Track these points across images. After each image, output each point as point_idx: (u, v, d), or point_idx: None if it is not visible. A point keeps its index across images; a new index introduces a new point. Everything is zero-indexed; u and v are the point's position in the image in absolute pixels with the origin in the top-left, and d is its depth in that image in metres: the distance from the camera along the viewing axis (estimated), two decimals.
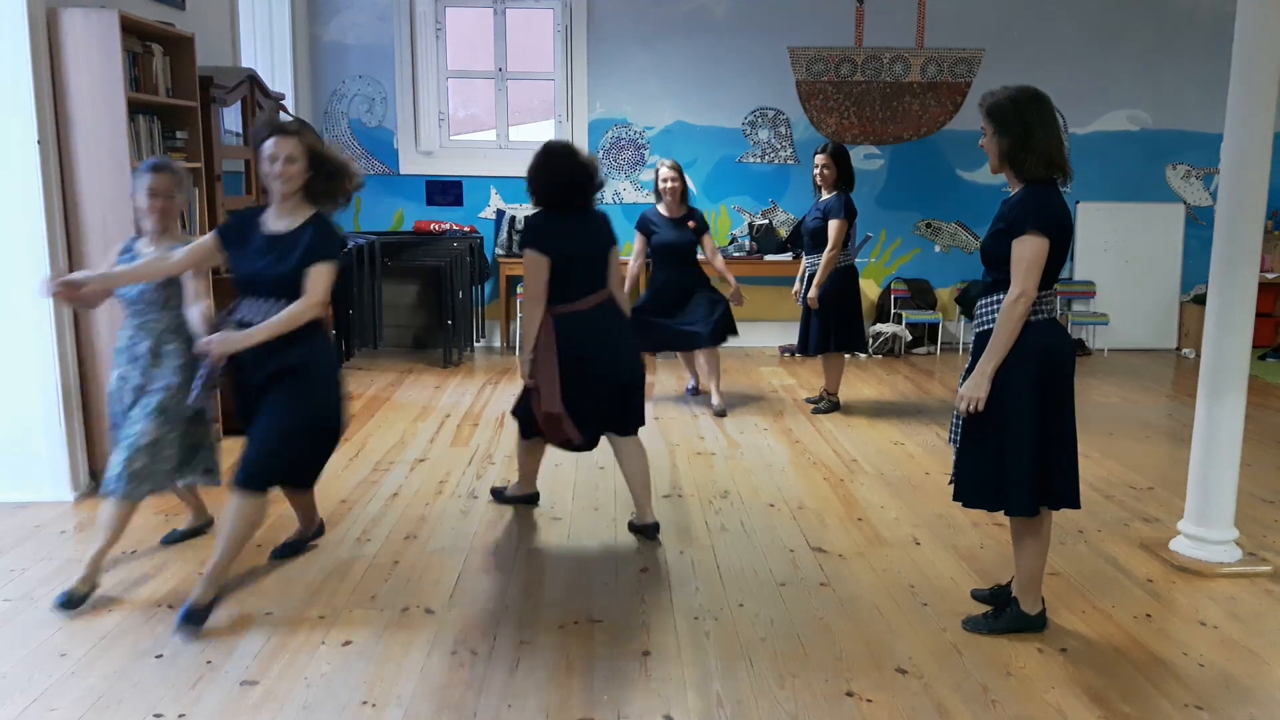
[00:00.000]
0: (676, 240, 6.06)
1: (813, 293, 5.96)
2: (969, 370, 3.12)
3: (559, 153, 3.92)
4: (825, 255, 5.91)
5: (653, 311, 6.03)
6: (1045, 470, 3.07)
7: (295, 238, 3.33)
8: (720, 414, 6.07)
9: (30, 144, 4.19)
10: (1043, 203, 2.98)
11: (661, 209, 6.18)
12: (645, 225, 6.11)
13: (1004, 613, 3.27)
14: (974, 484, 3.15)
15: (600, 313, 3.94)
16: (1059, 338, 3.09)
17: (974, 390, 3.01)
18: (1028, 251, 2.94)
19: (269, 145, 3.29)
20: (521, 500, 4.48)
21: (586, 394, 3.88)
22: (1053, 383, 3.03)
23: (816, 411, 6.16)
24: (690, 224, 6.09)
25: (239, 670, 2.98)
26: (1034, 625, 3.25)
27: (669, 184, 6.02)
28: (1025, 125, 2.95)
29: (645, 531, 4.08)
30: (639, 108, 8.18)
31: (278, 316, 3.27)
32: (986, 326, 3.09)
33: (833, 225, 5.89)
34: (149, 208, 3.57)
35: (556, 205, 3.92)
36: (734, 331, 6.10)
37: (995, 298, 3.07)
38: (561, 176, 3.89)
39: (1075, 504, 3.14)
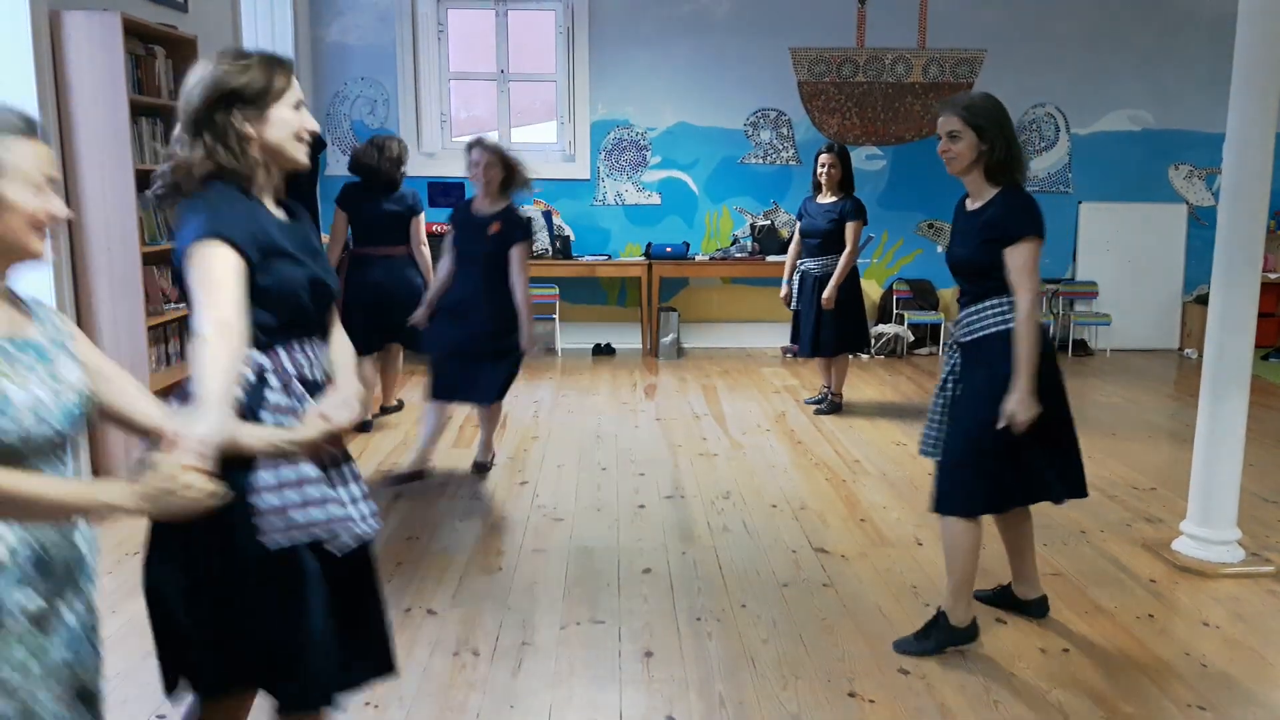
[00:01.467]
0: (470, 245, 4.64)
1: (829, 293, 5.94)
2: (948, 381, 3.11)
3: (377, 142, 5.48)
4: (845, 258, 5.94)
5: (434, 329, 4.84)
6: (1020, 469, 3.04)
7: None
8: (480, 468, 4.95)
9: None
10: (1030, 205, 2.95)
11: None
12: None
13: (932, 630, 3.14)
14: (985, 488, 3.06)
15: (385, 261, 5.49)
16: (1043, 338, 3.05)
17: (1026, 410, 2.91)
18: (1031, 256, 2.91)
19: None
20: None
21: (357, 311, 5.04)
22: (1046, 382, 2.99)
23: (819, 412, 6.16)
24: (494, 227, 4.52)
25: None
26: (964, 638, 3.13)
27: (475, 168, 4.61)
28: (1005, 130, 2.94)
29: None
30: (641, 109, 8.19)
31: (354, 367, 2.08)
32: (978, 334, 3.02)
33: (852, 228, 5.96)
34: None
35: (366, 179, 5.48)
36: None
37: (986, 305, 2.99)
38: (370, 158, 5.42)
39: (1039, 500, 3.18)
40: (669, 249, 8.00)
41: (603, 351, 8.27)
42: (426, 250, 5.63)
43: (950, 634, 3.11)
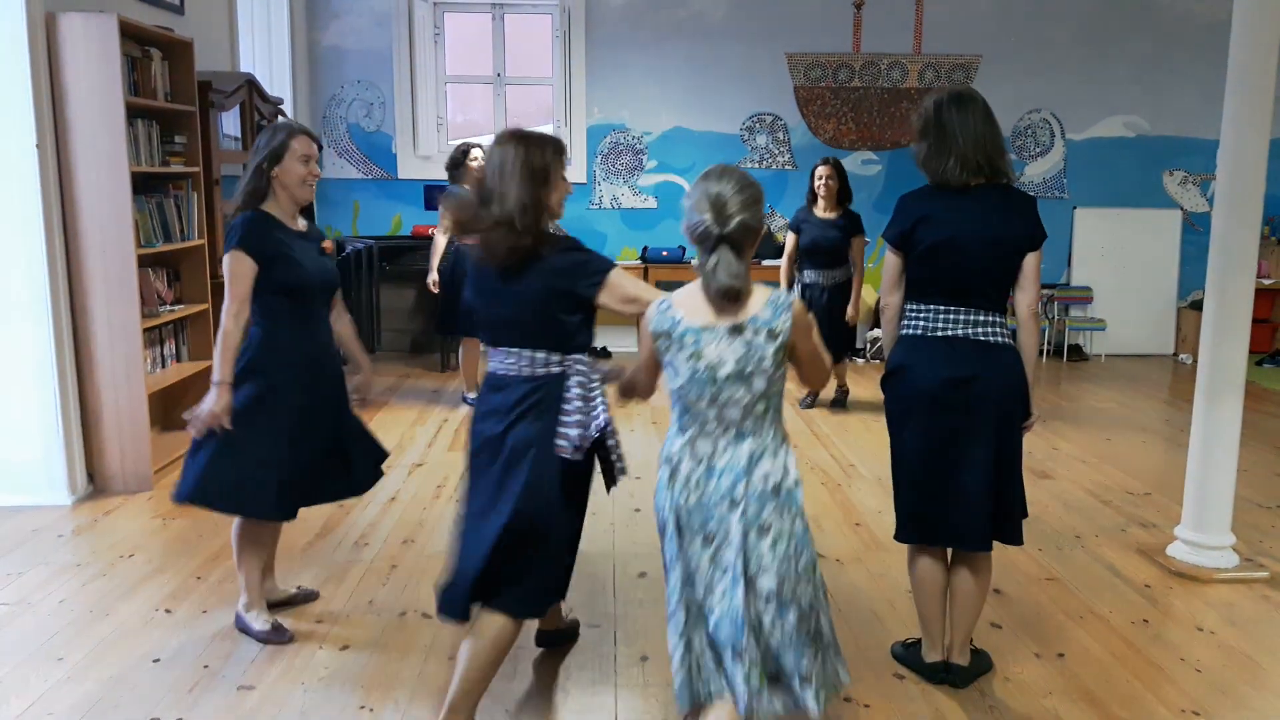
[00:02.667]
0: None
1: (851, 310, 6.15)
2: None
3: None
4: (859, 278, 6.18)
5: None
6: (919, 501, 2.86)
7: None
8: None
9: (28, 148, 4.19)
10: (898, 209, 2.86)
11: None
12: None
13: (911, 647, 3.10)
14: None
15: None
16: (923, 356, 2.81)
17: None
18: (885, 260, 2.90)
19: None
20: None
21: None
22: (915, 408, 2.83)
23: (835, 410, 6.21)
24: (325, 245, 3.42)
25: (236, 675, 2.98)
26: (924, 673, 2.99)
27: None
28: (935, 129, 2.77)
29: None
30: (637, 113, 8.20)
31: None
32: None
33: (858, 243, 6.12)
34: None
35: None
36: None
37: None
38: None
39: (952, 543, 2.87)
40: (665, 253, 8.01)
41: (598, 355, 8.26)
42: None
43: (914, 663, 3.04)
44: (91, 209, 4.42)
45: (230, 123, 5.92)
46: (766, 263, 8.01)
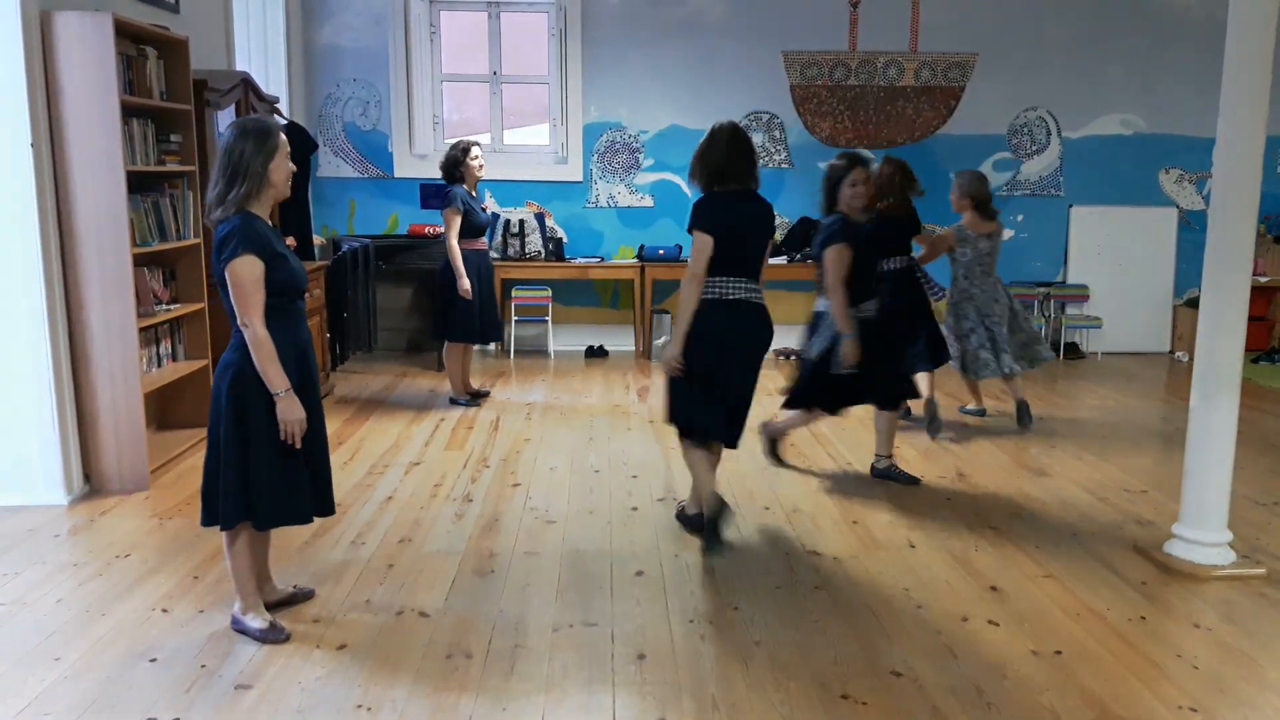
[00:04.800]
0: None
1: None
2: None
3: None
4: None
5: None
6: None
7: None
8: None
9: (23, 147, 4.18)
10: (695, 207, 4.12)
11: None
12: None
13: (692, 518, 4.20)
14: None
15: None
16: (718, 316, 3.90)
17: (669, 353, 3.94)
18: (692, 245, 3.97)
19: None
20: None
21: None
22: (716, 348, 3.88)
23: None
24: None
25: (233, 674, 2.97)
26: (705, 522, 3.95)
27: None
28: (699, 157, 4.43)
29: None
30: (634, 111, 8.19)
31: None
32: None
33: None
34: None
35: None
36: None
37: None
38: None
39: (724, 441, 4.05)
40: (661, 251, 8.01)
41: (595, 353, 8.27)
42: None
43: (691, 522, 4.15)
44: (87, 208, 4.41)
45: (226, 121, 5.90)
46: (773, 260, 8.00)
